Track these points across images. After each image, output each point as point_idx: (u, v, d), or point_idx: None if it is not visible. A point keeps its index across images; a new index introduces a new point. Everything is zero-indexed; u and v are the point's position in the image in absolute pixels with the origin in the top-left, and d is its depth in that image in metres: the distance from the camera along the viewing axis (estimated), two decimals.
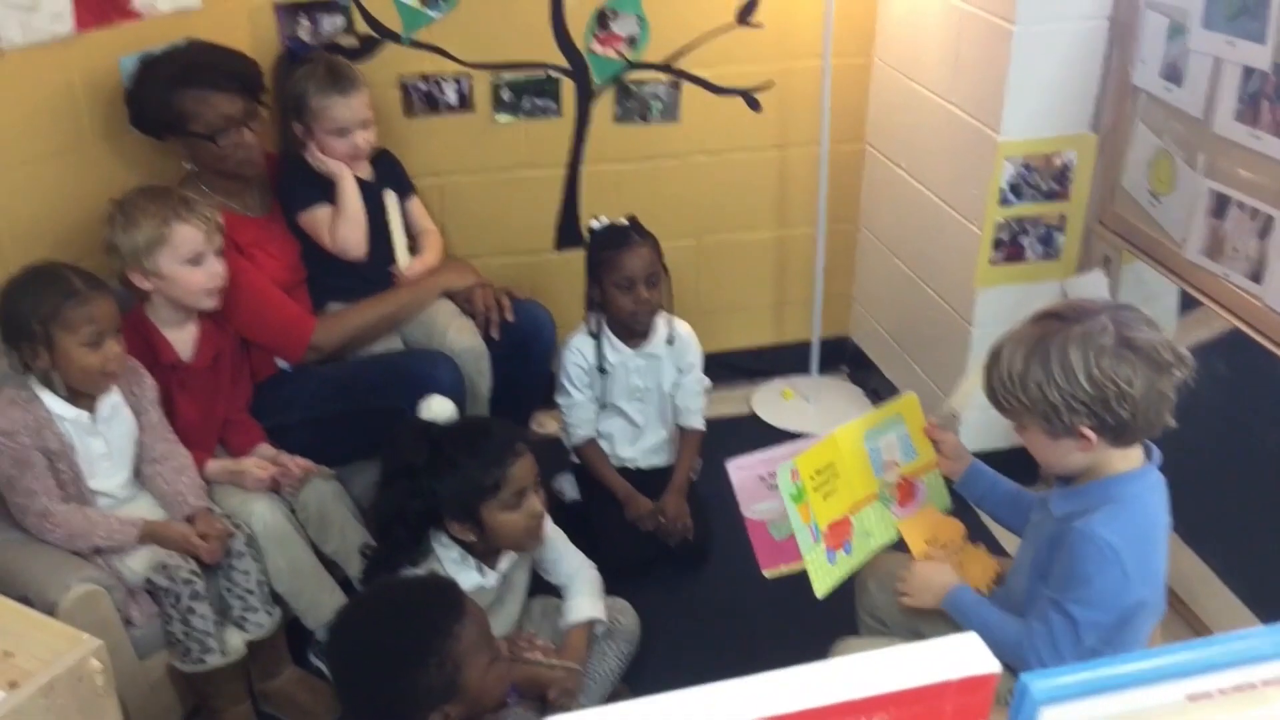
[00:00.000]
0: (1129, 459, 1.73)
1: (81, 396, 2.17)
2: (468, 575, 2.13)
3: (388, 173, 2.79)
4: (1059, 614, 1.73)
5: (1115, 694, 0.66)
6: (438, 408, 2.15)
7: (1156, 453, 1.75)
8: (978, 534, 2.75)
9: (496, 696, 1.78)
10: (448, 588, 1.82)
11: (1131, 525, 1.69)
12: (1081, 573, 1.70)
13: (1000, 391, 1.72)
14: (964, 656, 0.66)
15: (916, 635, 2.07)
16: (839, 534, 1.93)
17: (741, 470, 2.03)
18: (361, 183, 2.68)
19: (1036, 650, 1.75)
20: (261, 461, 2.39)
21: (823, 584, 1.92)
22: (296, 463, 2.40)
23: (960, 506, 2.12)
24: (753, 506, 2.03)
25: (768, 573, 2.03)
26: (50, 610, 1.99)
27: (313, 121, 2.60)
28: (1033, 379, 1.65)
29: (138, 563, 2.18)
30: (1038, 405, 1.67)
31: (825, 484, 1.91)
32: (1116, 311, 1.66)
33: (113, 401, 2.22)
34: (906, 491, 2.01)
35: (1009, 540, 2.68)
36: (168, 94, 2.40)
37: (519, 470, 2.08)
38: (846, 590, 2.22)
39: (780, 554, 2.01)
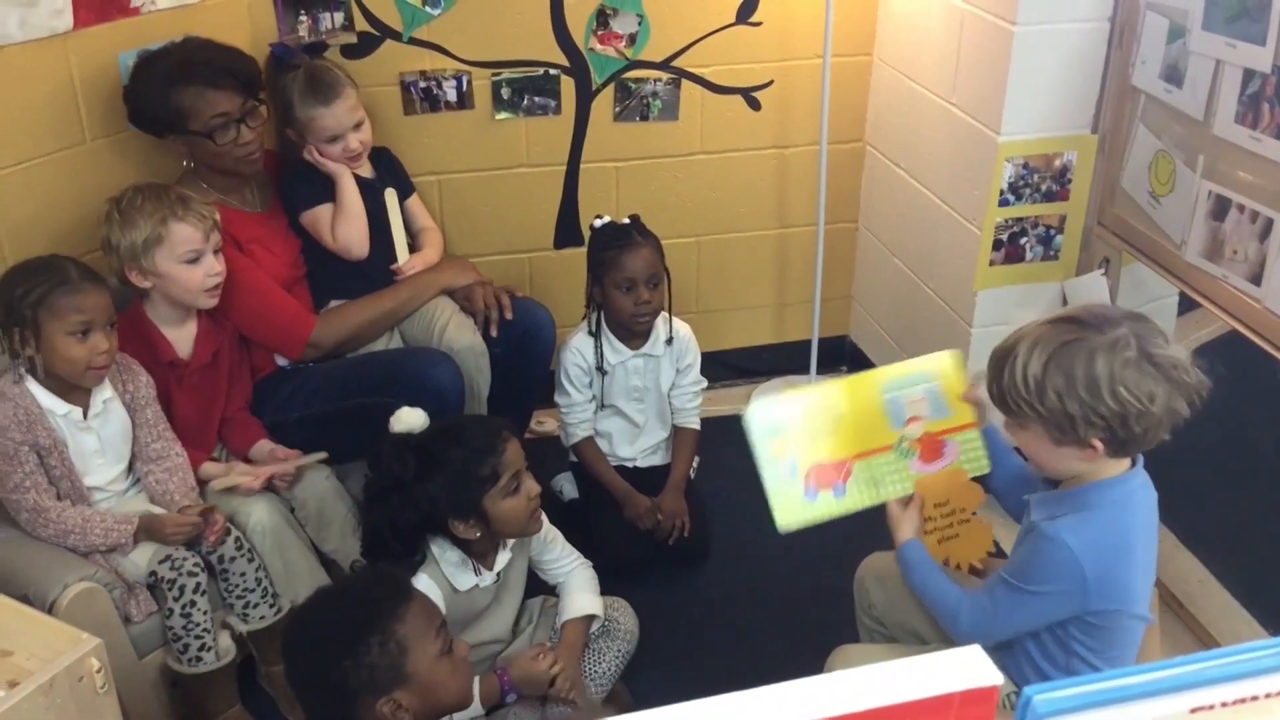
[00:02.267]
0: (1116, 465, 1.71)
1: (73, 392, 2.17)
2: (466, 577, 2.13)
3: (388, 171, 2.78)
4: (1008, 591, 1.74)
5: (1118, 707, 0.66)
6: (408, 418, 2.13)
7: (1140, 457, 1.74)
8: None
9: (454, 693, 1.78)
10: (395, 577, 1.85)
11: (1100, 535, 1.68)
12: (1039, 571, 1.71)
13: (1012, 394, 1.66)
14: (967, 669, 0.66)
15: (914, 636, 2.07)
16: (829, 475, 1.91)
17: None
18: (362, 181, 2.67)
19: (972, 617, 1.78)
20: (249, 469, 2.38)
21: (788, 518, 1.90)
22: (287, 454, 2.41)
23: None
24: None
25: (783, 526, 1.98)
26: (49, 608, 1.99)
27: (304, 130, 2.60)
28: (1052, 387, 1.60)
29: (142, 556, 2.18)
30: (1054, 415, 1.62)
31: (817, 425, 1.90)
32: (1135, 323, 1.62)
33: (104, 397, 2.21)
34: (932, 448, 1.98)
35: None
36: (165, 92, 2.39)
37: (511, 455, 2.09)
38: (844, 591, 2.23)
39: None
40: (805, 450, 1.91)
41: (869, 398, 1.93)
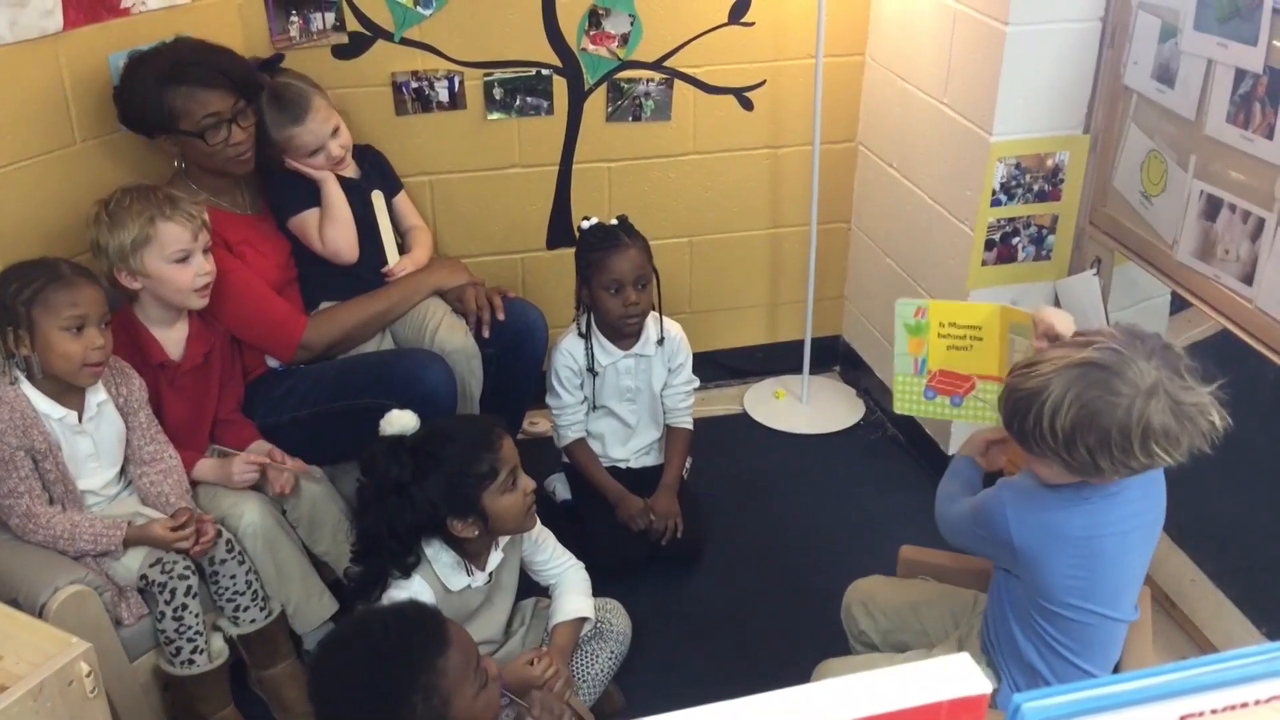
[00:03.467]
0: None
1: (68, 395, 2.16)
2: (459, 578, 2.13)
3: (374, 170, 2.77)
4: (970, 511, 1.84)
5: (1108, 714, 0.66)
6: (400, 420, 2.11)
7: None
8: None
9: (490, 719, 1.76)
10: (429, 619, 1.76)
11: (1037, 518, 1.72)
12: (984, 516, 1.79)
13: (1037, 441, 1.63)
14: (955, 677, 0.66)
15: (903, 650, 2.09)
16: (954, 384, 2.07)
17: None
18: (348, 182, 2.66)
19: (952, 510, 1.90)
20: (248, 455, 2.38)
21: (905, 406, 2.15)
22: (285, 458, 2.39)
23: None
24: None
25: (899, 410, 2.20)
26: (39, 612, 1.98)
27: (283, 149, 2.59)
28: (1084, 444, 1.58)
29: (132, 559, 2.17)
30: (1083, 464, 1.61)
31: (958, 339, 2.06)
32: (1162, 360, 1.58)
33: (99, 400, 2.20)
34: None
35: None
36: (156, 92, 2.38)
37: (506, 450, 2.09)
38: (836, 592, 2.23)
39: None
40: (936, 354, 2.07)
41: (1001, 330, 2.03)
